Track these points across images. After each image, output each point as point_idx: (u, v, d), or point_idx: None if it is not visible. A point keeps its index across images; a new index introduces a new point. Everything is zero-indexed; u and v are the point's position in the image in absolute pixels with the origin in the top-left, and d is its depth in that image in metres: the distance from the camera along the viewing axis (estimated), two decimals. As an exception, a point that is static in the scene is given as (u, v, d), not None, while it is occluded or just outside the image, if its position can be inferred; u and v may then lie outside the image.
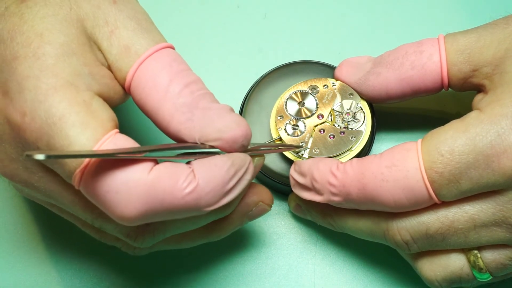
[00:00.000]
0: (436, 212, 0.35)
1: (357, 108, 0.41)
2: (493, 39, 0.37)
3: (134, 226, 0.35)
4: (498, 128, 0.33)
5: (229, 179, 0.33)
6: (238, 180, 0.34)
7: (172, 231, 0.36)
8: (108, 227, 0.35)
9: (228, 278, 0.43)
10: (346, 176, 0.36)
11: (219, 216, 0.37)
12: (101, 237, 0.38)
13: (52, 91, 0.31)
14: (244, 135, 0.34)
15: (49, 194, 0.35)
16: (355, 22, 0.49)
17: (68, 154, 0.30)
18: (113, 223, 0.35)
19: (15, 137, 0.33)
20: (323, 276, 0.43)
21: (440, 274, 0.37)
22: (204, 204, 0.32)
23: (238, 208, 0.38)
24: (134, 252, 0.38)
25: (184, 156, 0.34)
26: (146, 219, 0.32)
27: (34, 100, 0.31)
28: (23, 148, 0.33)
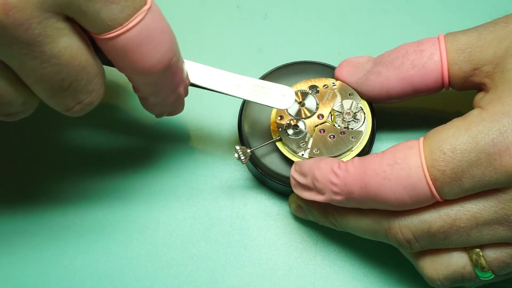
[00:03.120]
0: (438, 211, 0.35)
1: (357, 108, 0.41)
2: (494, 38, 0.37)
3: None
4: (500, 126, 0.33)
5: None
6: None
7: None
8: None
9: (228, 279, 0.43)
10: (348, 174, 0.36)
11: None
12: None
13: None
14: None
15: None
16: (355, 22, 0.49)
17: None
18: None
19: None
20: (323, 276, 0.43)
21: (442, 272, 0.37)
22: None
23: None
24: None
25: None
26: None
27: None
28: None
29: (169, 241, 0.44)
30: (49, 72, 0.32)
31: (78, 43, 0.32)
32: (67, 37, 0.32)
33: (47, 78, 0.32)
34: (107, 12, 0.31)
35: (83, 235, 0.44)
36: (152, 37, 0.33)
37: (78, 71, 0.33)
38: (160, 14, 0.33)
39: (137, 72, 0.34)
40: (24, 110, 0.35)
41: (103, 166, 0.46)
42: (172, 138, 0.46)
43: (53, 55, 0.31)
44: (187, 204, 0.45)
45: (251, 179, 0.45)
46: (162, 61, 0.34)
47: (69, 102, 0.34)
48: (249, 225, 0.44)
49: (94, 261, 0.43)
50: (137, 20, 0.32)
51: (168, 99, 0.38)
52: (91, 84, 0.34)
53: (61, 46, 0.31)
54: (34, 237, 0.44)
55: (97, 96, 0.35)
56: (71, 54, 0.32)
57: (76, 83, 0.33)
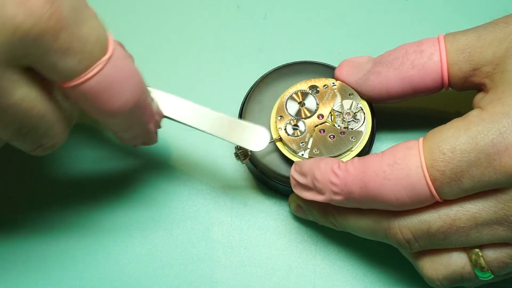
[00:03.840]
0: (437, 211, 0.35)
1: (357, 108, 0.41)
2: (493, 38, 0.37)
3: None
4: (500, 127, 0.33)
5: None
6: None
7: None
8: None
9: (228, 279, 0.43)
10: (348, 174, 0.36)
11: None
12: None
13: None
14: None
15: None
16: (355, 22, 0.49)
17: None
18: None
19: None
20: (323, 276, 0.43)
21: (441, 272, 0.37)
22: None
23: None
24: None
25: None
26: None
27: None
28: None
29: (169, 241, 0.44)
30: (6, 121, 0.32)
31: (35, 93, 0.32)
32: (24, 88, 0.31)
33: (5, 126, 0.32)
34: (63, 64, 0.31)
35: (83, 235, 0.44)
36: (115, 83, 0.32)
37: (36, 119, 0.32)
38: (123, 60, 0.33)
39: (103, 115, 0.34)
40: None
41: (103, 166, 0.46)
42: (172, 138, 0.46)
43: (9, 106, 0.31)
44: (187, 204, 0.45)
45: (251, 179, 0.45)
46: (127, 104, 0.34)
47: (30, 146, 0.34)
48: (249, 225, 0.44)
49: (94, 261, 0.43)
50: (95, 71, 0.31)
51: (138, 134, 0.38)
52: (52, 129, 0.34)
53: (17, 97, 0.31)
54: (34, 237, 0.44)
55: (60, 139, 0.35)
56: (28, 104, 0.32)
57: (35, 130, 0.33)
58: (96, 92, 0.32)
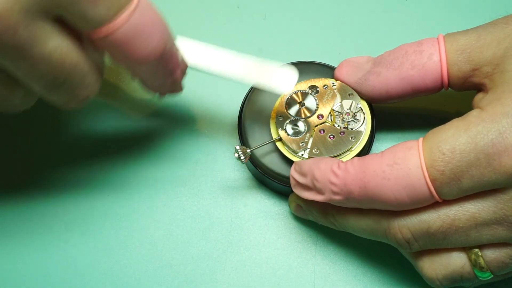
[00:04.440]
0: (437, 211, 0.35)
1: (357, 108, 0.41)
2: (493, 39, 0.37)
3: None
4: (500, 127, 0.33)
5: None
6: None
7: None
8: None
9: (228, 278, 0.43)
10: (348, 174, 0.36)
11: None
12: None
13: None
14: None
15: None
16: (355, 22, 0.49)
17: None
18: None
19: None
20: (323, 276, 0.43)
21: (441, 272, 0.37)
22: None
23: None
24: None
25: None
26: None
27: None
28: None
29: (169, 241, 0.44)
30: (41, 72, 0.32)
31: (68, 43, 0.33)
32: (56, 38, 0.32)
33: (40, 78, 0.33)
34: (93, 12, 0.32)
35: (84, 235, 0.44)
36: (143, 31, 0.34)
37: (70, 69, 0.33)
38: (149, 7, 0.34)
39: (132, 63, 0.35)
40: (23, 104, 0.36)
41: (103, 165, 0.46)
42: (172, 138, 0.46)
43: (43, 56, 0.32)
44: (187, 204, 0.45)
45: (251, 179, 0.45)
46: (154, 52, 0.35)
47: (65, 98, 0.35)
48: (249, 225, 0.44)
49: (95, 261, 0.44)
50: (124, 18, 0.32)
51: (165, 82, 0.39)
52: (85, 80, 0.35)
53: (50, 47, 0.32)
54: (34, 237, 0.44)
55: (93, 90, 0.36)
56: (61, 54, 0.32)
57: (69, 80, 0.34)
58: (126, 40, 0.33)
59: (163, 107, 0.47)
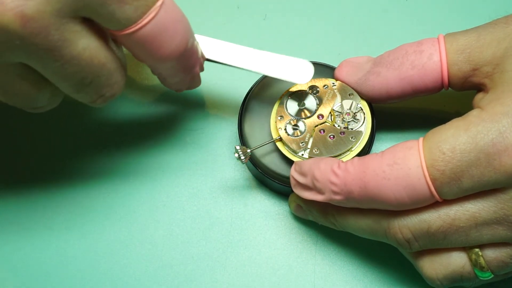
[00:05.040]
0: (437, 210, 0.35)
1: (357, 108, 0.41)
2: (493, 38, 0.37)
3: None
4: (500, 126, 0.33)
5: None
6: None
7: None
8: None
9: (228, 278, 0.43)
10: (348, 174, 0.36)
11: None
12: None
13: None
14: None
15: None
16: (355, 22, 0.49)
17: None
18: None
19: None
20: (323, 276, 0.43)
21: (441, 272, 0.37)
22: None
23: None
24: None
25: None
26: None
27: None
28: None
29: (169, 241, 0.44)
30: (71, 72, 0.33)
31: (96, 43, 0.34)
32: (85, 39, 0.33)
33: (69, 77, 0.34)
34: (121, 13, 0.32)
35: (83, 235, 0.44)
36: (167, 29, 0.35)
37: (98, 68, 0.34)
38: (173, 5, 0.35)
39: (155, 61, 0.36)
40: (50, 104, 0.37)
41: (103, 165, 0.46)
42: (172, 138, 0.46)
43: (73, 57, 0.33)
44: (187, 204, 0.45)
45: (251, 179, 0.45)
46: (178, 49, 0.36)
47: (92, 96, 0.36)
48: (249, 225, 0.44)
49: (95, 261, 0.44)
50: (150, 17, 0.33)
51: (185, 78, 0.40)
52: (111, 78, 0.36)
53: (80, 48, 0.33)
54: (34, 237, 0.44)
55: (119, 88, 0.37)
56: (90, 54, 0.33)
57: (97, 79, 0.35)
58: (151, 38, 0.34)
59: (163, 107, 0.47)
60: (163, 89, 0.47)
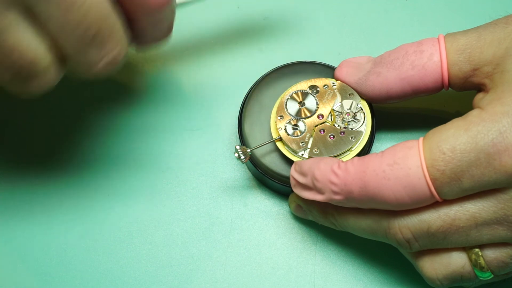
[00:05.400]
0: (437, 210, 0.35)
1: (357, 108, 0.41)
2: (494, 38, 0.37)
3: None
4: (500, 126, 0.33)
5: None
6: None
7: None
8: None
9: (228, 278, 0.43)
10: (348, 174, 0.36)
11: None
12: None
13: None
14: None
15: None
16: (355, 22, 0.49)
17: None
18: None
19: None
20: (323, 276, 0.43)
21: (441, 272, 0.37)
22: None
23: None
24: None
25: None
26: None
27: None
28: None
29: (169, 241, 0.44)
30: (73, 21, 0.31)
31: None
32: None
33: (71, 27, 0.31)
34: None
35: (84, 235, 0.44)
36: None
37: (101, 20, 0.32)
38: None
39: (145, 10, 0.34)
40: (47, 76, 0.33)
41: (103, 166, 0.46)
42: (172, 138, 0.46)
43: (74, 2, 0.30)
44: (187, 204, 0.45)
45: (251, 179, 0.45)
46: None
47: (94, 56, 0.33)
48: (249, 225, 0.44)
49: (95, 261, 0.44)
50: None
51: (164, 29, 0.37)
52: (114, 35, 0.33)
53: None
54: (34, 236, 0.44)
55: (121, 51, 0.34)
56: (93, 1, 0.31)
57: (100, 33, 0.32)
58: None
59: (163, 106, 0.47)
60: (163, 89, 0.47)
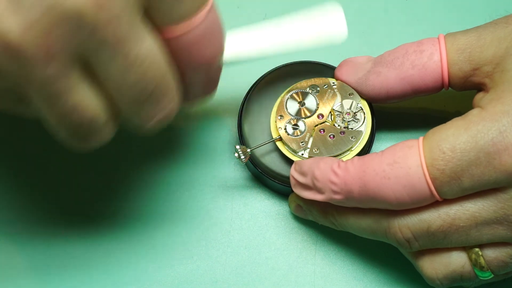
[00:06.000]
0: (437, 210, 0.35)
1: (357, 108, 0.41)
2: (494, 38, 0.37)
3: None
4: (500, 126, 0.33)
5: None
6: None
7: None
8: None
9: (228, 278, 0.43)
10: (348, 174, 0.36)
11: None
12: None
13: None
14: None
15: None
16: (355, 22, 0.49)
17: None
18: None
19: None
20: (323, 276, 0.43)
21: (441, 272, 0.37)
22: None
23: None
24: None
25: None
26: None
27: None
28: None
29: (169, 241, 0.44)
30: (133, 77, 0.30)
31: (159, 47, 0.30)
32: (150, 39, 0.30)
33: (131, 84, 0.30)
34: (179, 5, 0.30)
35: (83, 235, 0.44)
36: (213, 32, 0.32)
37: (158, 79, 0.31)
38: (216, 9, 0.33)
39: (193, 66, 0.33)
40: (104, 132, 0.32)
41: (103, 166, 0.46)
42: (172, 138, 0.46)
43: (138, 57, 0.29)
44: (187, 204, 0.45)
45: (251, 179, 0.45)
46: (218, 54, 0.34)
47: (149, 113, 0.32)
48: (249, 225, 0.44)
49: (95, 261, 0.43)
50: (203, 15, 0.31)
51: (210, 86, 0.37)
52: (169, 92, 0.32)
53: (145, 48, 0.29)
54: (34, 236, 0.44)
55: (174, 107, 0.33)
56: (154, 58, 0.30)
57: (156, 91, 0.31)
58: (198, 40, 0.31)
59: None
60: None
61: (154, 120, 0.33)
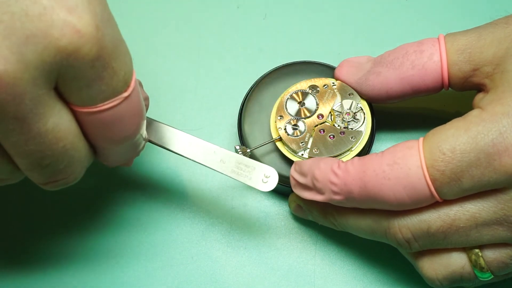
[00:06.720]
0: (437, 211, 0.35)
1: (357, 108, 0.41)
2: (494, 39, 0.37)
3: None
4: (500, 127, 0.33)
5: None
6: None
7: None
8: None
9: (228, 278, 0.43)
10: (348, 174, 0.36)
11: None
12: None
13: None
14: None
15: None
16: (355, 22, 0.49)
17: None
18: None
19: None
20: (323, 276, 0.43)
21: (441, 273, 0.37)
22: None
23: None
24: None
25: None
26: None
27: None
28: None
29: (169, 241, 0.44)
30: (31, 150, 0.30)
31: (66, 124, 0.31)
32: (56, 117, 0.30)
33: (28, 154, 0.31)
34: (87, 91, 0.30)
35: (83, 235, 0.44)
36: (130, 114, 0.33)
37: (60, 153, 0.32)
38: (138, 100, 0.33)
39: (107, 142, 0.34)
40: (11, 178, 0.34)
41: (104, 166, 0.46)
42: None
43: (39, 134, 0.30)
44: (187, 204, 0.45)
45: (251, 179, 0.45)
46: (133, 134, 0.34)
47: (44, 179, 0.33)
48: (249, 225, 0.44)
49: (94, 261, 0.44)
50: (111, 105, 0.31)
51: (126, 159, 0.38)
52: (70, 167, 0.33)
53: (49, 125, 0.30)
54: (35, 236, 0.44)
55: (74, 178, 0.34)
56: (57, 135, 0.31)
57: (55, 164, 0.32)
58: (107, 123, 0.32)
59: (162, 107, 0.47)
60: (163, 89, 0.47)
61: (49, 185, 0.34)
